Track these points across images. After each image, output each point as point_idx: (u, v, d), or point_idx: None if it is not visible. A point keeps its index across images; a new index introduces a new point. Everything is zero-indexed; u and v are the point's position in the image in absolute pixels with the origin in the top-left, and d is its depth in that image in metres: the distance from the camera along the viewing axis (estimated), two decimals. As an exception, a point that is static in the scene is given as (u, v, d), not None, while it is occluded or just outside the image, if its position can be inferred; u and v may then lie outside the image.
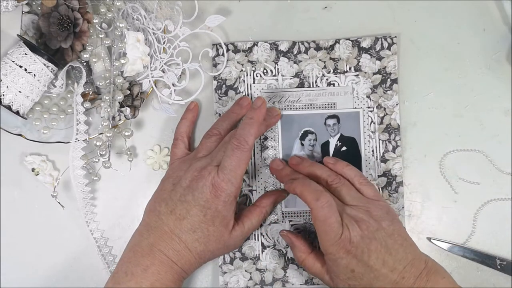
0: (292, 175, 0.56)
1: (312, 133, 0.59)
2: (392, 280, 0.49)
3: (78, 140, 0.55)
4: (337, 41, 0.60)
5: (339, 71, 0.60)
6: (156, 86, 0.58)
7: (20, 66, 0.53)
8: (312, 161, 0.57)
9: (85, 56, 0.56)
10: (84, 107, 0.56)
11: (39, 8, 0.56)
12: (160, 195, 0.54)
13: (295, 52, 0.60)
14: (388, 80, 0.59)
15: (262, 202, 0.57)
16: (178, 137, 0.58)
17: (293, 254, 0.55)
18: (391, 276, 0.49)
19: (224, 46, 0.59)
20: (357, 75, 0.60)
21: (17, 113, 0.55)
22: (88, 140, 0.56)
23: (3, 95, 0.54)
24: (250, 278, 0.59)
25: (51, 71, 0.55)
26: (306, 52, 0.60)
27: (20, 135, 0.57)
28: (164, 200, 0.53)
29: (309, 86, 0.60)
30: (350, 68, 0.60)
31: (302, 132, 0.59)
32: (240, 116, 0.58)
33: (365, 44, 0.60)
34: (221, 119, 0.58)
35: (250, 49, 0.60)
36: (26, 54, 0.53)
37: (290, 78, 0.60)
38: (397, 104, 0.59)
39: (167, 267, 0.51)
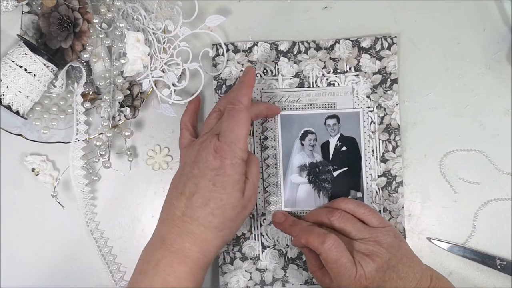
0: (295, 225, 0.55)
1: (312, 133, 0.59)
2: None
3: (78, 140, 0.55)
4: (337, 41, 0.60)
5: (339, 71, 0.60)
6: (156, 86, 0.58)
7: (20, 66, 0.53)
8: (297, 220, 0.57)
9: (85, 56, 0.56)
10: (84, 107, 0.56)
11: (39, 8, 0.56)
12: (172, 184, 0.52)
13: (295, 52, 0.60)
14: (388, 80, 0.59)
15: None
16: (182, 126, 0.57)
17: (307, 262, 0.56)
18: None
19: (224, 46, 0.59)
20: (357, 75, 0.60)
21: (17, 113, 0.55)
22: (88, 140, 0.56)
23: (3, 95, 0.54)
24: (250, 278, 0.59)
25: (51, 71, 0.55)
26: (306, 52, 0.60)
27: (20, 135, 0.57)
28: (175, 186, 0.51)
29: (309, 86, 0.60)
30: (350, 68, 0.60)
31: (302, 132, 0.59)
32: None
33: (365, 44, 0.60)
34: (221, 98, 0.57)
35: (250, 49, 0.60)
36: (26, 54, 0.53)
37: (290, 78, 0.60)
38: (397, 104, 0.59)
39: (180, 257, 0.47)
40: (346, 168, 0.59)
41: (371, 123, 0.59)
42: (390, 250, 0.50)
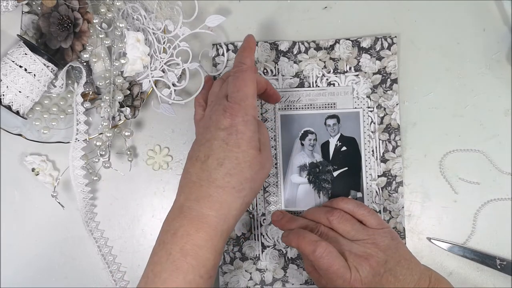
0: (292, 221, 0.55)
1: (312, 133, 0.59)
2: None
3: (78, 140, 0.55)
4: (337, 41, 0.60)
5: (339, 71, 0.60)
6: (156, 86, 0.58)
7: (20, 66, 0.53)
8: (294, 218, 0.56)
9: (85, 56, 0.56)
10: (84, 107, 0.56)
11: (39, 8, 0.56)
12: (188, 154, 0.50)
13: (295, 52, 0.60)
14: (388, 80, 0.59)
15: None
16: (196, 104, 0.56)
17: (303, 261, 0.56)
18: None
19: (224, 46, 0.59)
20: (357, 75, 0.60)
21: (17, 113, 0.55)
22: (88, 140, 0.56)
23: (3, 95, 0.54)
24: (250, 278, 0.59)
25: (51, 71, 0.55)
26: (306, 52, 0.60)
27: (20, 135, 0.57)
28: (190, 155, 0.49)
29: (309, 86, 0.60)
30: (350, 68, 0.60)
31: (302, 132, 0.59)
32: None
33: (365, 44, 0.60)
34: (225, 73, 0.57)
35: (250, 49, 0.60)
36: (26, 54, 0.53)
37: (290, 78, 0.60)
38: (397, 104, 0.59)
39: (197, 224, 0.45)
40: (346, 168, 0.59)
41: (371, 123, 0.59)
42: (388, 253, 0.50)
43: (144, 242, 0.60)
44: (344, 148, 0.59)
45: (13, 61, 0.53)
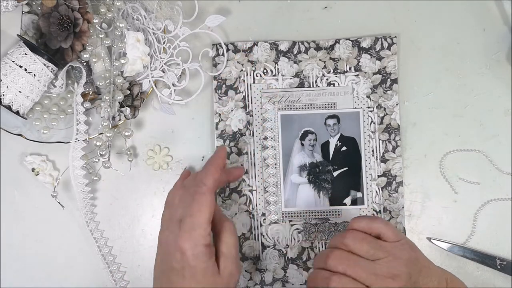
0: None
1: (312, 133, 0.59)
2: None
3: (78, 140, 0.55)
4: (337, 41, 0.60)
5: (339, 71, 0.60)
6: (156, 86, 0.58)
7: (20, 66, 0.53)
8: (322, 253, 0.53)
9: (85, 56, 0.56)
10: (84, 107, 0.56)
11: (39, 8, 0.56)
12: (154, 276, 0.51)
13: (295, 52, 0.60)
14: (388, 80, 0.59)
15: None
16: (166, 201, 0.55)
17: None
18: None
19: (224, 46, 0.59)
20: (357, 75, 0.60)
21: (17, 113, 0.55)
22: (88, 140, 0.56)
23: (3, 95, 0.54)
24: (250, 278, 0.59)
25: (51, 71, 0.55)
26: (306, 52, 0.60)
27: (20, 135, 0.57)
28: (156, 275, 0.51)
29: (309, 86, 0.60)
30: (350, 68, 0.60)
31: (302, 132, 0.59)
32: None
33: (365, 44, 0.60)
34: (190, 177, 0.56)
35: (250, 49, 0.60)
36: (26, 54, 0.53)
37: (290, 78, 0.60)
38: (397, 104, 0.59)
39: None
40: (346, 168, 0.59)
41: (371, 123, 0.59)
42: (410, 266, 0.49)
43: (144, 242, 0.60)
44: (344, 148, 0.59)
45: (13, 61, 0.53)
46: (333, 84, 0.60)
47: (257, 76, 0.60)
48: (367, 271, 0.47)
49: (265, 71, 0.60)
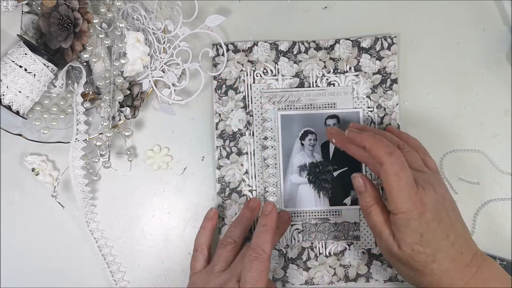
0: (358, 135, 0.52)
1: (312, 133, 0.59)
2: (451, 255, 0.48)
3: (78, 140, 0.55)
4: (337, 41, 0.60)
5: (339, 71, 0.60)
6: (156, 86, 0.58)
7: (20, 66, 0.53)
8: (376, 129, 0.56)
9: (85, 56, 0.56)
10: (84, 107, 0.56)
11: (39, 8, 0.56)
12: None
13: (295, 52, 0.60)
14: (388, 80, 0.59)
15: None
16: (197, 248, 0.56)
17: (360, 199, 0.53)
18: (451, 251, 0.48)
19: (224, 46, 0.59)
20: (357, 75, 0.60)
21: (17, 113, 0.55)
22: (88, 140, 0.56)
23: (3, 95, 0.54)
24: (250, 278, 0.59)
25: (51, 71, 0.55)
26: (306, 52, 0.60)
27: (20, 135, 0.57)
28: None
29: (309, 86, 0.60)
30: (350, 68, 0.60)
31: (302, 132, 0.59)
32: (251, 220, 0.57)
33: (365, 44, 0.60)
34: (233, 226, 0.56)
35: (250, 49, 0.60)
36: (26, 54, 0.53)
37: (290, 78, 0.60)
38: (397, 104, 0.59)
39: None
40: (346, 168, 0.59)
41: (371, 123, 0.59)
42: (447, 193, 0.49)
43: (144, 242, 0.60)
44: (344, 148, 0.59)
45: (13, 61, 0.53)
46: (333, 84, 0.60)
47: (257, 76, 0.60)
48: (411, 173, 0.49)
49: (265, 71, 0.60)
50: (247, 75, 0.60)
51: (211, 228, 0.57)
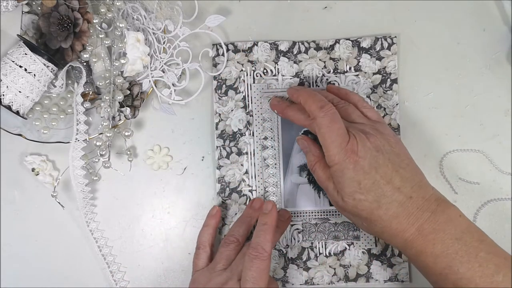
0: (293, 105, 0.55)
1: (312, 133, 0.59)
2: (398, 200, 0.48)
3: (78, 140, 0.55)
4: (337, 41, 0.60)
5: (339, 71, 0.60)
6: (156, 86, 0.58)
7: (20, 66, 0.53)
8: (311, 89, 0.56)
9: (85, 56, 0.56)
10: (84, 107, 0.56)
11: (39, 8, 0.56)
12: None
13: (295, 52, 0.60)
14: (388, 80, 0.59)
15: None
16: (200, 246, 0.55)
17: (307, 159, 0.55)
18: (397, 195, 0.48)
19: (224, 46, 0.59)
20: (357, 75, 0.60)
21: (17, 113, 0.55)
22: (88, 140, 0.56)
23: (3, 95, 0.54)
24: (250, 278, 0.59)
25: (51, 71, 0.55)
26: (306, 52, 0.60)
27: (20, 135, 0.57)
28: None
29: (309, 86, 0.60)
30: (350, 68, 0.60)
31: (302, 132, 0.59)
32: (255, 219, 0.56)
33: (365, 44, 0.60)
34: (236, 225, 0.56)
35: (250, 49, 0.60)
36: (26, 54, 0.53)
37: (290, 78, 0.60)
38: (397, 104, 0.59)
39: None
40: (346, 168, 0.59)
41: (371, 123, 0.59)
42: (387, 139, 0.49)
43: (144, 242, 0.60)
44: (344, 148, 0.59)
45: (13, 61, 0.53)
46: (333, 84, 0.59)
47: (257, 76, 0.60)
48: (345, 125, 0.50)
49: (265, 71, 0.60)
50: (247, 75, 0.60)
51: (214, 226, 0.57)
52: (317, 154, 0.53)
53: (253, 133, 0.60)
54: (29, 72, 0.54)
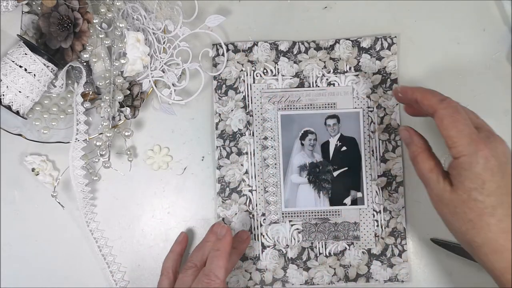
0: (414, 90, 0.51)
1: (312, 133, 0.59)
2: (508, 214, 0.44)
3: (78, 140, 0.55)
4: (337, 41, 0.60)
5: (339, 71, 0.60)
6: (156, 86, 0.58)
7: (20, 66, 0.53)
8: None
9: (85, 56, 0.56)
10: (84, 107, 0.56)
11: (39, 8, 0.56)
12: None
13: (295, 52, 0.60)
14: (388, 80, 0.59)
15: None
16: (163, 272, 0.56)
17: (408, 150, 0.51)
18: (508, 210, 0.44)
19: (224, 46, 0.59)
20: (357, 75, 0.60)
21: (17, 113, 0.55)
22: (88, 140, 0.56)
23: (3, 95, 0.54)
24: (250, 278, 0.59)
25: (51, 71, 0.55)
26: (306, 52, 0.60)
27: (20, 135, 0.57)
28: None
29: (309, 86, 0.60)
30: (350, 68, 0.60)
31: (302, 132, 0.59)
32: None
33: (365, 44, 0.60)
34: (195, 250, 0.55)
35: (250, 49, 0.60)
36: (26, 54, 0.53)
37: (290, 78, 0.60)
38: (397, 104, 0.59)
39: None
40: (346, 168, 0.59)
41: (371, 123, 0.59)
42: (509, 153, 0.46)
43: (144, 242, 0.60)
44: (344, 148, 0.59)
45: (13, 61, 0.53)
46: (333, 84, 0.60)
47: (257, 76, 0.60)
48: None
49: (265, 71, 0.60)
50: (247, 75, 0.60)
51: (180, 252, 0.57)
52: (420, 145, 0.50)
53: (253, 133, 0.60)
54: (29, 72, 0.54)
